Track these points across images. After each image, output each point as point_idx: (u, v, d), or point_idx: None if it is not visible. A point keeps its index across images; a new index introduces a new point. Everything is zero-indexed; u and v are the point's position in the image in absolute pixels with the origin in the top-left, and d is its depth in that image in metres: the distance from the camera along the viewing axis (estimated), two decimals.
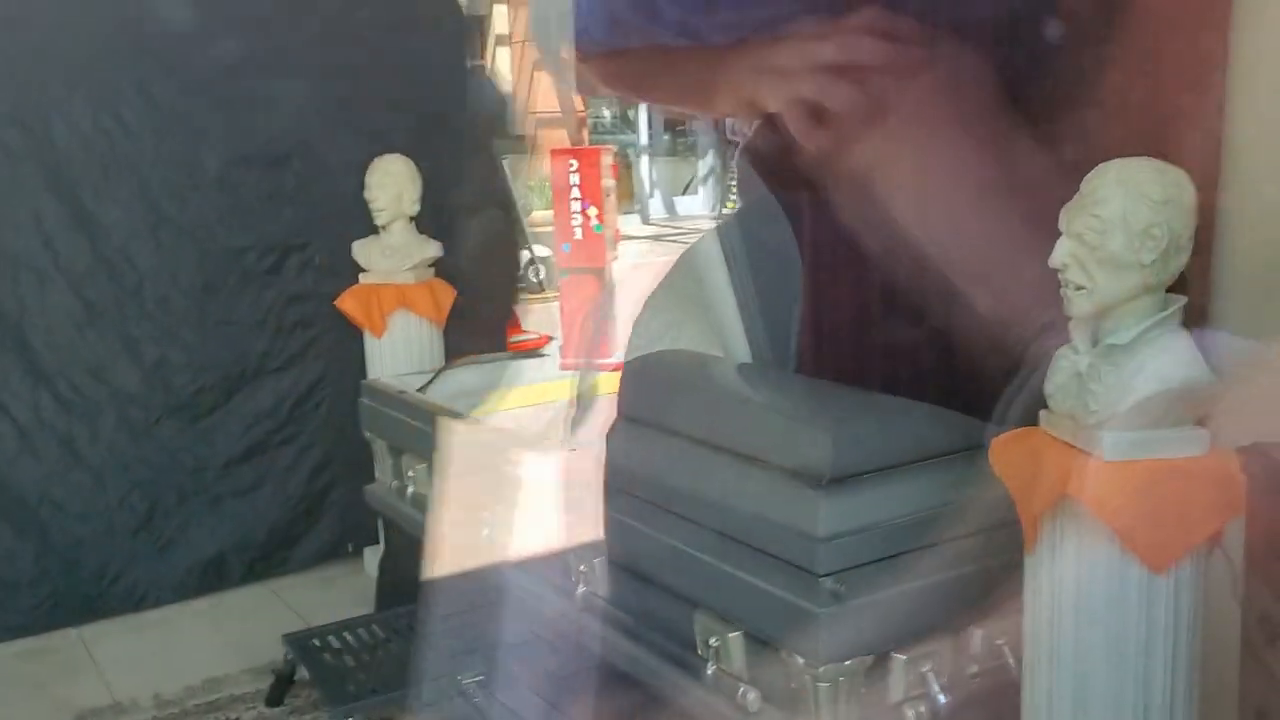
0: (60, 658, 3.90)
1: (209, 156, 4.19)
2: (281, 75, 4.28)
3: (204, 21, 4.15)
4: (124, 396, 4.14)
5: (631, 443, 2.75)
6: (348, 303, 4.23)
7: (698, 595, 2.47)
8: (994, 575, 2.28)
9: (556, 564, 2.94)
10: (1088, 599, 1.62)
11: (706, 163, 18.05)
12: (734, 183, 3.11)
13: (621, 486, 2.69)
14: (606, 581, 2.80)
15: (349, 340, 4.43)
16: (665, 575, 2.56)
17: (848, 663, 2.16)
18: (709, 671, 2.42)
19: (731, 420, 2.68)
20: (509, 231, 4.56)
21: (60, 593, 4.07)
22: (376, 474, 4.00)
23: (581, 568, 2.83)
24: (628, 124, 18.17)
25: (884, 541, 2.21)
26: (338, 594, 4.32)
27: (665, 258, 3.69)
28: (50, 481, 4.05)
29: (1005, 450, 1.82)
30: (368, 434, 3.93)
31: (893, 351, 3.07)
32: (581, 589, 2.84)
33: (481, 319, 4.80)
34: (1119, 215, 1.46)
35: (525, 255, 8.47)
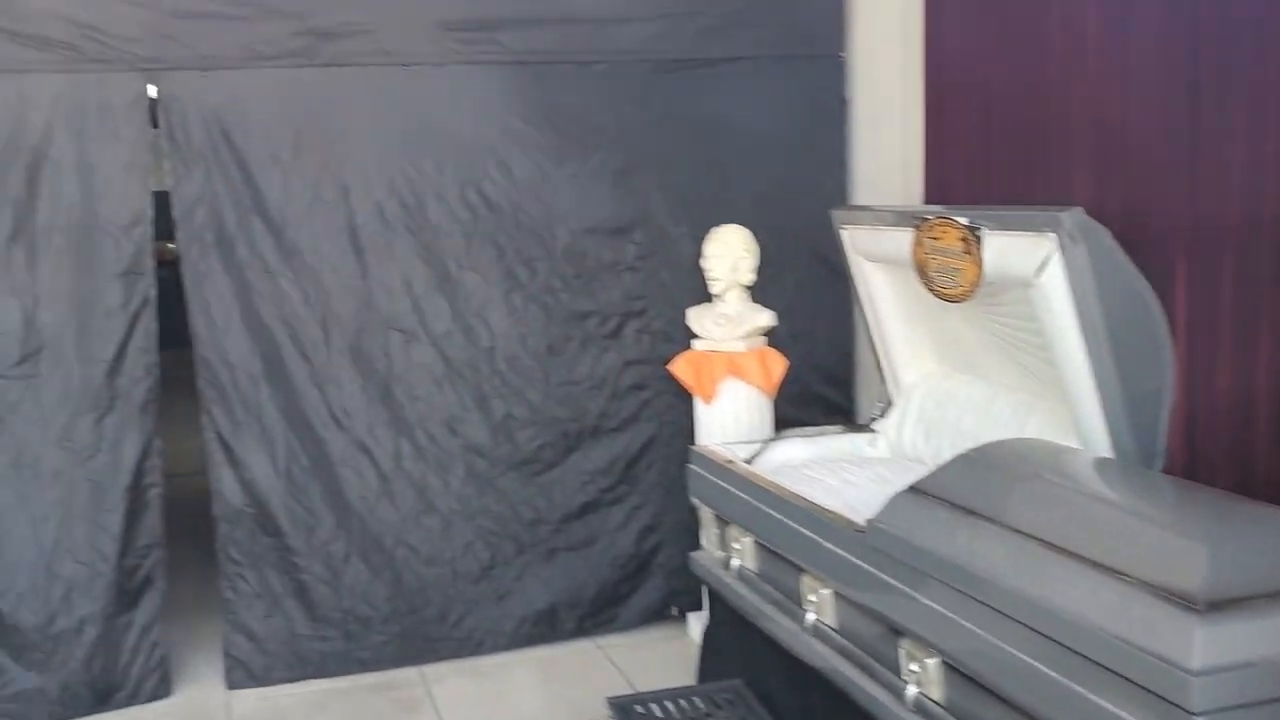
0: (403, 694, 4.14)
1: (559, 227, 4.41)
2: (627, 151, 4.45)
3: (559, 103, 4.40)
4: (473, 449, 4.39)
5: (968, 538, 2.59)
6: (679, 367, 4.30)
7: (1042, 714, 2.28)
8: None
9: (886, 655, 2.82)
10: None
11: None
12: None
13: (949, 581, 2.53)
14: (940, 685, 2.65)
15: (681, 404, 4.51)
16: (1006, 685, 2.38)
17: None
18: None
19: (1087, 523, 2.47)
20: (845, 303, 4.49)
21: (407, 632, 4.34)
22: (702, 541, 4.02)
23: (913, 666, 2.70)
24: None
25: (1275, 679, 1.97)
26: (661, 656, 4.36)
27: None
28: (405, 525, 4.34)
29: None
30: (694, 500, 3.96)
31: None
32: (912, 690, 2.70)
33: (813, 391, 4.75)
34: None
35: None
